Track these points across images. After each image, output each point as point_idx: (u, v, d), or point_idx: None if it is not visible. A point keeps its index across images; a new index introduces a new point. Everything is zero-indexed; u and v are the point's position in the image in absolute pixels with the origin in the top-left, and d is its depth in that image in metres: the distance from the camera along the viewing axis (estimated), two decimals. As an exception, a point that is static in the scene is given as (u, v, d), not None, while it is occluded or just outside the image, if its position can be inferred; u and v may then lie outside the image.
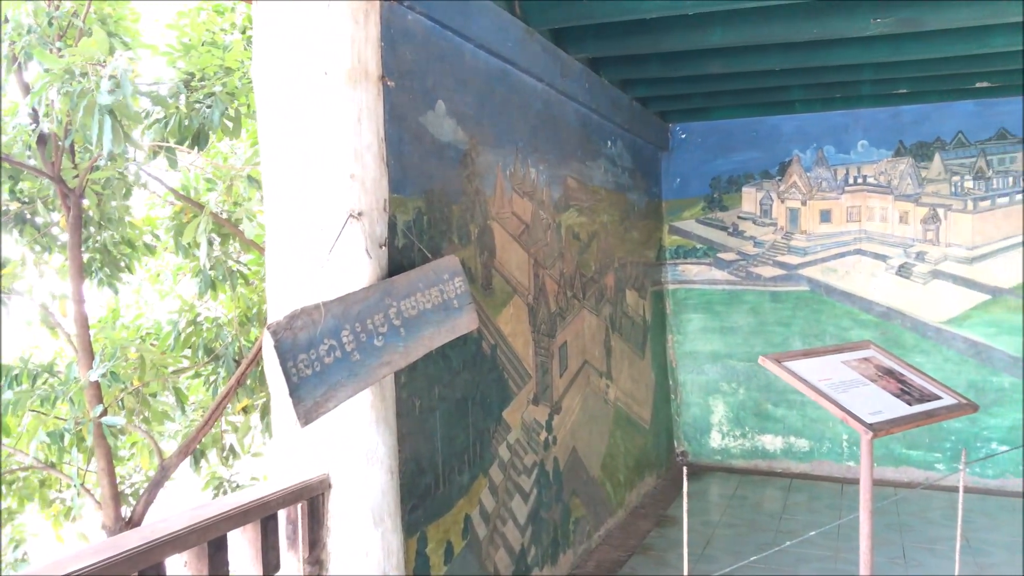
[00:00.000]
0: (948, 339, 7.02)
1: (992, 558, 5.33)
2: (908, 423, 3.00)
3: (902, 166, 7.11)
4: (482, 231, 4.12)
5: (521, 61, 4.48)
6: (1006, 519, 6.11)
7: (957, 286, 6.96)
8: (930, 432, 7.00)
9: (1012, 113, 6.80)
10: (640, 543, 5.70)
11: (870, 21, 4.56)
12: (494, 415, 4.19)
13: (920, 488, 6.45)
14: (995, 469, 6.91)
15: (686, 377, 7.89)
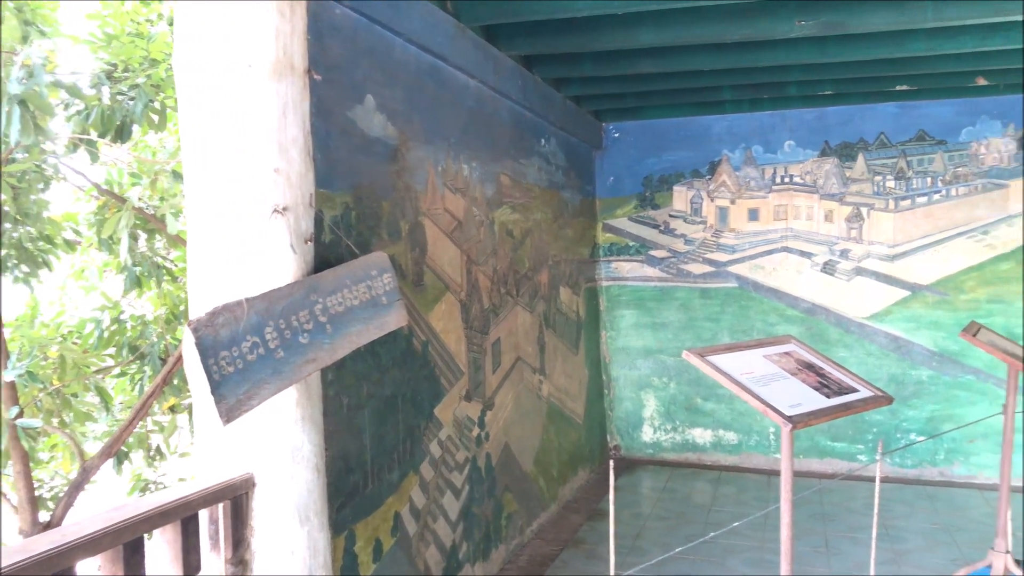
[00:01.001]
0: (870, 334, 7.25)
1: (908, 544, 5.52)
2: (826, 415, 3.08)
3: (827, 166, 7.31)
4: (413, 227, 4.10)
5: (453, 57, 4.47)
6: (923, 507, 6.34)
7: (879, 283, 7.19)
8: (853, 424, 7.21)
9: (931, 116, 7.05)
10: (572, 537, 5.75)
11: (795, 23, 4.67)
12: (425, 412, 4.18)
13: (842, 479, 6.65)
14: (913, 459, 7.16)
15: (619, 372, 7.98)
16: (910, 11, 4.48)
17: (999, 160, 6.91)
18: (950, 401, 7.06)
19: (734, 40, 5.03)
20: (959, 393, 7.04)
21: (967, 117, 6.98)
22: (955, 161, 7.01)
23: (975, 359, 6.92)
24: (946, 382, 7.07)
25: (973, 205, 6.98)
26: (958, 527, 5.86)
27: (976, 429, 6.73)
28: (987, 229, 6.96)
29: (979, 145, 6.96)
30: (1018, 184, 6.86)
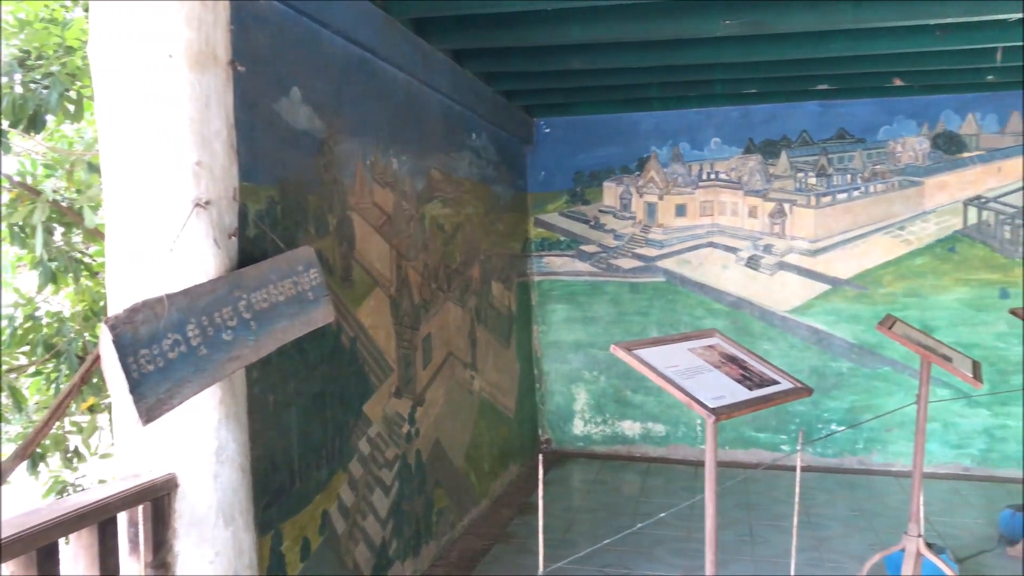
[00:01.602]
0: (793, 327, 7.44)
1: (829, 531, 5.70)
2: (748, 407, 3.15)
3: (751, 163, 7.47)
4: (341, 222, 4.05)
5: (382, 50, 4.42)
6: (843, 494, 6.55)
7: (801, 277, 7.39)
8: (776, 415, 7.40)
9: (850, 115, 7.27)
10: (503, 531, 5.78)
11: (720, 23, 4.75)
12: (354, 409, 4.14)
13: (766, 468, 6.82)
14: (834, 448, 7.38)
15: (550, 366, 8.03)
16: (830, 12, 4.61)
17: (914, 158, 7.16)
18: (868, 392, 7.30)
19: (661, 38, 5.10)
20: (877, 384, 7.29)
21: (885, 116, 7.22)
22: (873, 159, 7.24)
23: (892, 351, 7.17)
24: (865, 373, 7.32)
25: (890, 202, 7.22)
26: (875, 513, 6.07)
27: (893, 419, 6.97)
28: (903, 225, 7.21)
29: (896, 144, 7.20)
30: (932, 181, 7.13)
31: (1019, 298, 6.96)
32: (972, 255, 7.09)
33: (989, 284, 7.05)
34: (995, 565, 5.07)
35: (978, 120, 7.05)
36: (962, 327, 7.07)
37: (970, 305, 7.08)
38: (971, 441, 7.13)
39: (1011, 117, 6.98)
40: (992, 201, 7.05)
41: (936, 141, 7.12)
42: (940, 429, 7.14)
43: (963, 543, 5.42)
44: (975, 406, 7.08)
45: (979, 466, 7.12)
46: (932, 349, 4.14)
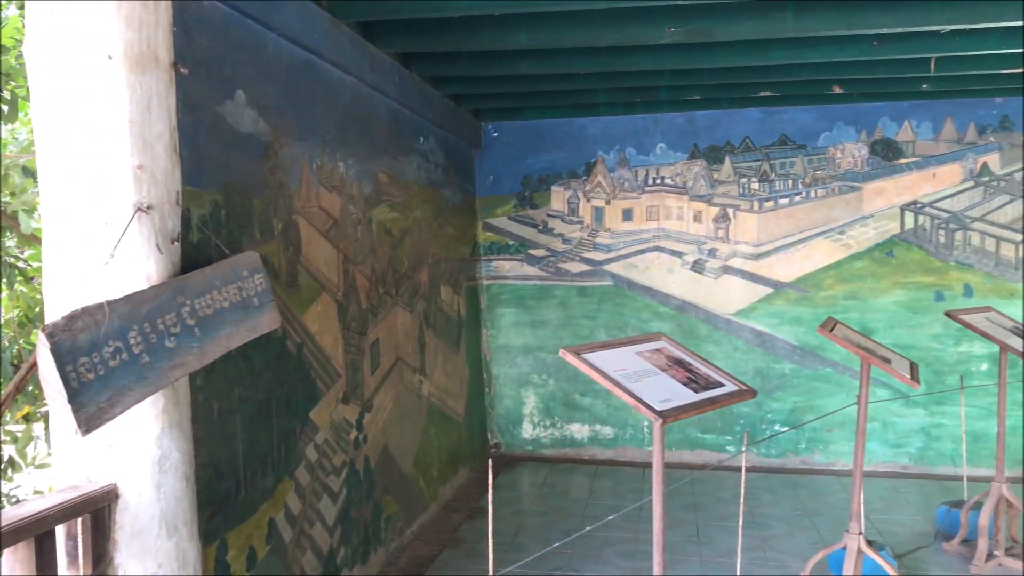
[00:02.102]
0: (737, 329, 7.57)
1: (773, 530, 5.80)
2: (694, 409, 3.19)
3: (696, 168, 7.58)
4: (287, 226, 4.00)
5: (328, 53, 4.39)
6: (786, 494, 6.67)
7: (744, 280, 7.52)
8: (722, 417, 7.52)
9: (792, 121, 7.42)
10: (452, 536, 5.76)
11: (665, 30, 4.81)
12: (300, 416, 4.09)
13: (712, 469, 6.92)
14: (778, 449, 7.52)
15: (499, 370, 8.04)
16: (772, 22, 4.70)
17: (853, 164, 7.35)
18: (811, 393, 7.46)
19: (607, 44, 5.14)
20: (819, 385, 7.45)
21: (825, 123, 7.39)
22: (814, 164, 7.41)
23: (833, 353, 7.33)
24: (807, 375, 7.47)
25: (830, 206, 7.39)
26: (818, 512, 6.19)
27: (834, 419, 7.13)
28: (843, 229, 7.38)
29: (836, 150, 7.38)
30: (871, 187, 7.31)
31: (955, 300, 7.18)
32: (909, 259, 7.29)
33: (925, 287, 7.26)
34: (932, 561, 5.21)
35: (914, 127, 7.26)
36: (900, 329, 7.27)
37: (907, 307, 7.28)
38: (909, 440, 7.33)
39: (945, 125, 7.20)
40: (927, 206, 7.27)
41: (874, 147, 7.31)
42: (879, 429, 7.32)
43: (902, 540, 5.56)
44: (912, 406, 7.27)
45: (916, 464, 7.32)
46: (871, 351, 4.25)
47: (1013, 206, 7.15)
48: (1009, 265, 7.15)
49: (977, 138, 7.18)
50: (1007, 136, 7.14)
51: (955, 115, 7.18)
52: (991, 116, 7.15)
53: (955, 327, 6.89)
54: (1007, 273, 7.16)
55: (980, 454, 7.05)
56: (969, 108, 7.16)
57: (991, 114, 7.15)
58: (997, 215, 7.17)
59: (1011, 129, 7.13)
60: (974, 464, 6.95)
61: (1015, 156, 7.14)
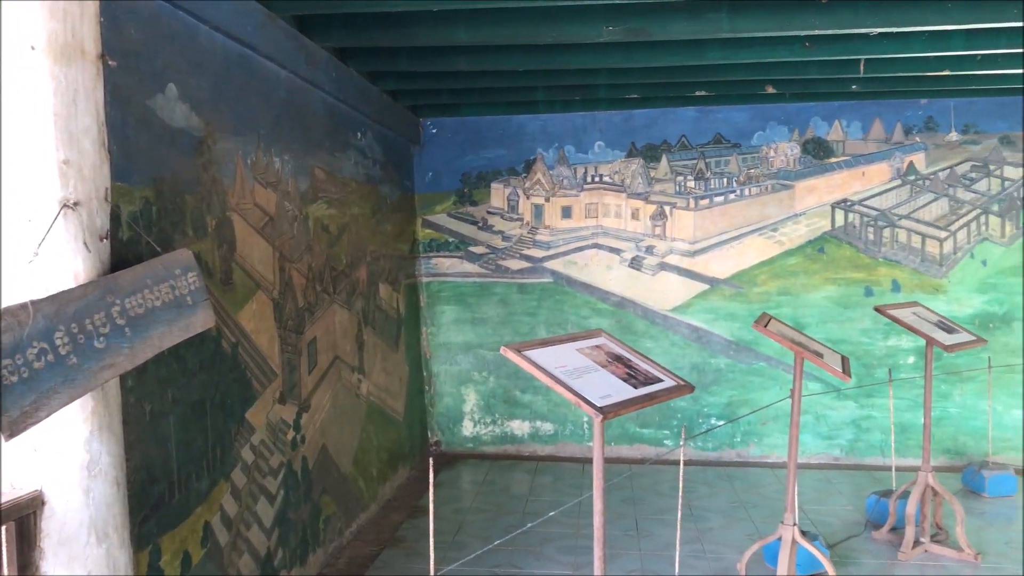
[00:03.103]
0: (674, 325, 7.67)
1: (710, 523, 5.90)
2: (634, 405, 3.22)
3: (634, 166, 7.66)
4: (221, 223, 3.92)
5: (262, 46, 4.30)
6: (723, 486, 6.79)
7: (681, 277, 7.64)
8: (660, 411, 7.61)
9: (727, 120, 7.55)
10: (392, 536, 5.72)
11: (603, 29, 4.84)
12: (236, 416, 4.01)
13: (651, 464, 7.01)
14: (714, 442, 7.65)
15: (439, 368, 8.01)
16: (707, 22, 4.77)
17: (786, 163, 7.51)
18: (745, 387, 7.61)
19: (546, 42, 5.16)
20: (753, 379, 7.60)
21: (758, 122, 7.54)
22: (748, 163, 7.55)
23: (767, 347, 7.48)
24: (742, 369, 7.61)
25: (764, 204, 7.55)
26: (753, 504, 6.32)
27: (768, 412, 7.28)
28: (776, 227, 7.54)
29: (769, 149, 7.53)
30: (803, 185, 7.48)
31: (883, 296, 7.40)
32: (839, 255, 7.49)
33: (855, 283, 7.47)
34: (863, 549, 5.36)
35: (844, 127, 7.45)
36: (831, 324, 7.46)
37: (838, 303, 7.48)
38: (840, 432, 7.53)
39: (873, 125, 7.41)
40: (857, 204, 7.47)
41: (806, 147, 7.49)
42: (812, 421, 7.50)
43: (834, 529, 5.71)
44: (844, 399, 7.48)
45: (848, 455, 7.52)
46: (804, 345, 4.34)
47: (938, 204, 7.39)
48: (934, 261, 7.40)
49: (904, 138, 7.40)
50: (932, 136, 7.38)
51: (883, 115, 7.40)
52: (917, 117, 7.38)
53: (883, 321, 7.09)
54: (932, 269, 7.40)
55: (908, 445, 7.28)
56: (896, 109, 7.38)
57: (917, 115, 7.38)
58: (923, 213, 7.41)
59: (936, 130, 7.37)
60: (902, 454, 7.17)
61: (940, 156, 7.38)
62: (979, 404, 7.31)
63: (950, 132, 7.37)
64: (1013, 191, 7.31)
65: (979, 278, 7.36)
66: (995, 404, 7.25)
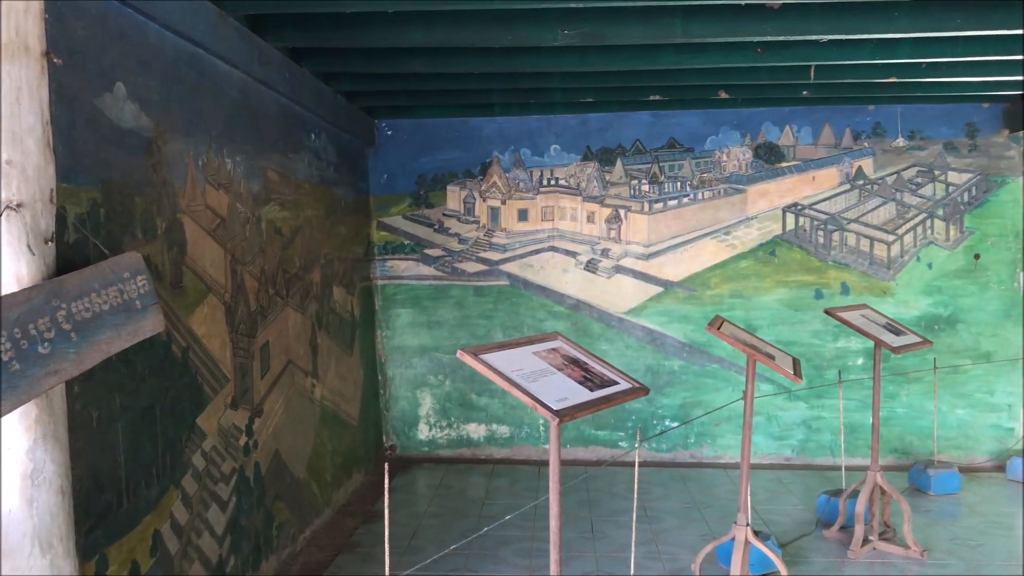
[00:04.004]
0: (629, 328, 7.73)
1: (665, 524, 5.95)
2: (590, 408, 3.23)
3: (589, 170, 7.70)
4: (171, 225, 3.84)
5: (214, 46, 4.23)
6: (677, 487, 6.85)
7: (636, 280, 7.69)
8: (615, 413, 7.66)
9: (680, 125, 7.63)
10: (347, 541, 5.66)
11: (558, 32, 4.86)
12: (187, 422, 3.94)
13: (606, 466, 7.04)
14: (668, 443, 7.72)
15: (395, 372, 7.96)
16: (661, 27, 4.81)
17: (738, 167, 7.61)
18: (699, 388, 7.69)
19: (501, 45, 5.16)
20: (706, 381, 7.69)
21: (711, 127, 7.63)
22: (701, 167, 7.64)
23: (720, 349, 7.57)
24: (695, 371, 7.69)
25: (716, 208, 7.64)
26: (707, 504, 6.39)
27: (721, 414, 7.37)
28: (729, 230, 7.64)
29: (721, 153, 7.63)
30: (755, 189, 7.59)
31: (832, 298, 7.53)
32: (790, 258, 7.61)
33: (806, 285, 7.59)
34: (814, 548, 5.45)
35: (795, 132, 7.57)
36: (782, 326, 7.58)
37: (789, 305, 7.60)
38: (791, 433, 7.65)
39: (823, 130, 7.55)
40: (807, 208, 7.59)
41: (758, 151, 7.60)
42: (764, 422, 7.61)
43: (785, 529, 5.80)
44: (795, 400, 7.59)
45: (799, 456, 7.64)
46: (756, 348, 4.40)
47: (885, 208, 7.55)
48: (882, 264, 7.55)
49: (852, 143, 7.55)
50: (880, 142, 7.54)
51: (832, 121, 7.54)
52: (865, 123, 7.53)
53: (833, 323, 7.22)
54: (880, 272, 7.56)
55: (857, 444, 7.43)
56: (845, 115, 7.52)
57: (865, 121, 7.53)
58: (871, 217, 7.56)
59: (883, 135, 7.53)
60: (851, 454, 7.31)
61: (887, 161, 7.55)
62: (925, 404, 7.48)
63: (897, 138, 7.54)
64: (957, 196, 7.50)
65: (925, 281, 7.54)
66: (940, 404, 7.43)
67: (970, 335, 7.50)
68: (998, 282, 7.48)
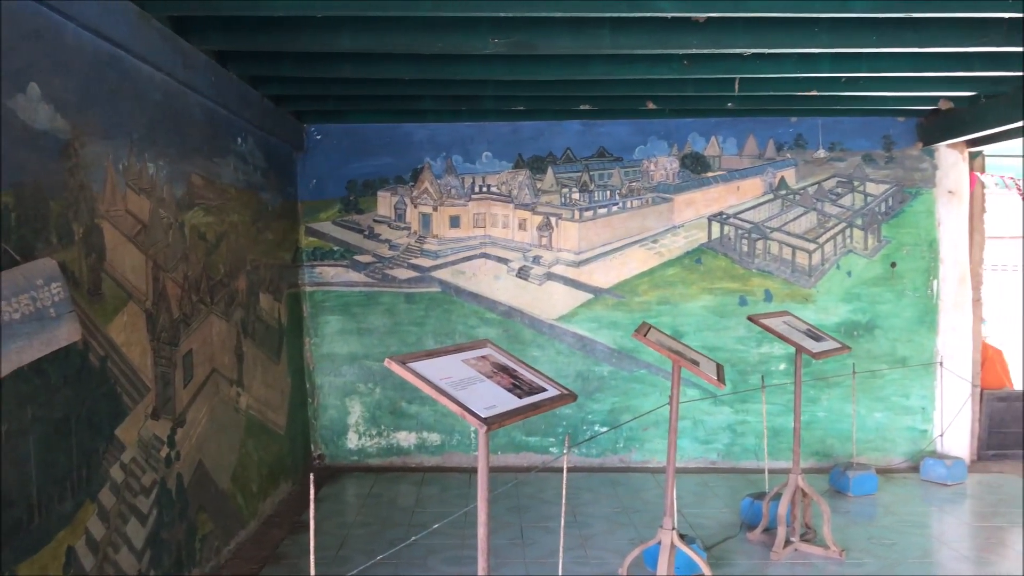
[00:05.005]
0: (560, 334, 7.78)
1: (593, 529, 6.00)
2: (518, 415, 3.24)
3: (520, 177, 7.74)
4: (89, 230, 3.73)
5: (135, 47, 4.13)
6: (606, 492, 6.92)
7: (566, 287, 7.76)
8: (545, 420, 7.70)
9: (610, 134, 7.74)
10: (273, 552, 5.56)
11: (489, 41, 4.88)
12: (104, 434, 3.82)
13: (537, 472, 7.07)
14: (597, 449, 7.80)
15: (323, 380, 7.86)
16: (591, 38, 4.88)
17: (665, 177, 7.74)
18: (627, 394, 7.78)
19: (432, 52, 5.16)
20: (635, 386, 7.79)
21: (639, 137, 7.75)
22: (630, 176, 7.75)
23: (648, 355, 7.68)
24: (624, 377, 7.79)
25: (644, 216, 7.76)
26: (635, 509, 6.47)
27: (649, 418, 7.47)
28: (656, 238, 7.77)
29: (649, 163, 7.75)
30: (681, 198, 7.73)
31: (756, 305, 7.72)
32: (716, 266, 7.77)
33: (730, 293, 7.76)
34: (738, 550, 5.56)
35: (720, 143, 7.75)
36: (707, 332, 7.73)
37: (714, 312, 7.76)
38: (717, 437, 7.80)
39: (748, 141, 7.74)
40: (732, 217, 7.77)
41: (684, 161, 7.74)
42: (690, 427, 7.75)
43: (711, 531, 5.91)
44: (720, 404, 7.75)
45: (724, 459, 7.80)
46: (681, 354, 4.48)
47: (807, 217, 7.78)
48: (804, 272, 7.77)
49: (776, 154, 7.76)
50: (802, 153, 7.77)
51: (756, 132, 7.73)
52: (788, 134, 7.75)
53: (757, 330, 7.39)
54: (802, 279, 7.77)
55: (780, 448, 7.61)
56: (769, 126, 7.73)
57: (788, 132, 7.75)
58: (793, 226, 7.78)
59: (805, 147, 7.76)
60: (775, 457, 7.49)
61: (808, 171, 7.77)
62: (844, 408, 7.71)
63: (818, 149, 7.77)
64: (874, 206, 7.77)
65: (844, 288, 7.78)
66: (859, 408, 7.68)
67: (887, 341, 7.77)
68: (913, 289, 7.76)
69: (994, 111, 6.47)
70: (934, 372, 7.74)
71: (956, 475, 7.16)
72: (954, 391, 7.75)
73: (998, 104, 6.40)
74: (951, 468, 7.15)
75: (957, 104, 6.84)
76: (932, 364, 7.74)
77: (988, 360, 8.20)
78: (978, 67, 5.49)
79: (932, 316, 7.76)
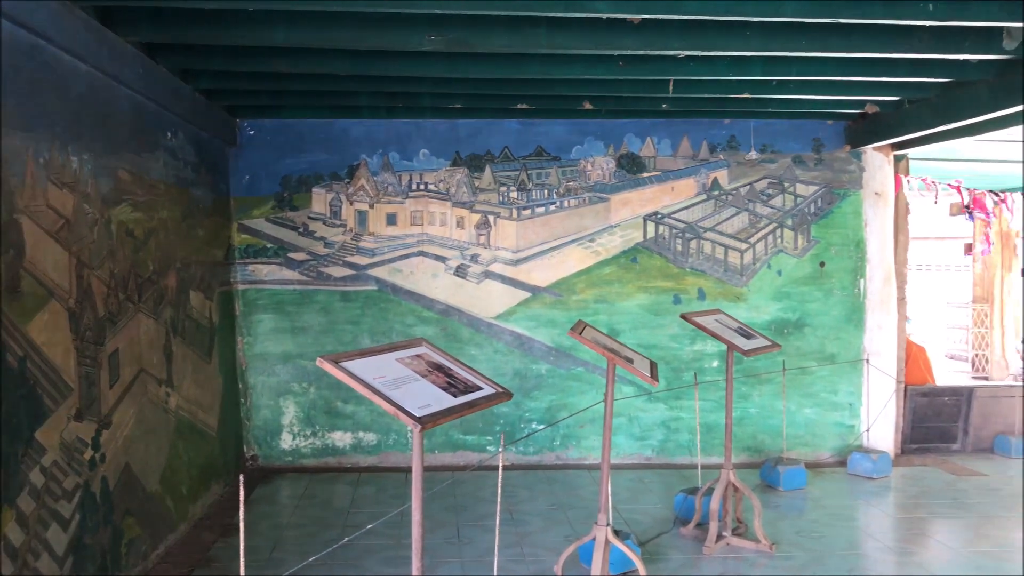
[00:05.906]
0: (498, 332, 7.79)
1: (530, 526, 6.03)
2: (453, 414, 3.24)
3: (458, 175, 7.73)
4: (7, 226, 3.59)
5: (58, 38, 4.00)
6: (543, 489, 6.96)
7: (505, 285, 7.77)
8: (482, 418, 7.70)
9: (547, 134, 7.77)
10: (204, 556, 5.45)
11: (425, 38, 4.85)
12: (23, 437, 3.69)
13: (473, 470, 7.07)
14: (535, 446, 7.83)
15: (256, 379, 7.72)
16: (527, 36, 4.89)
17: (602, 176, 7.81)
18: (565, 391, 7.83)
19: (368, 48, 5.12)
20: (572, 384, 7.84)
21: (577, 137, 7.80)
22: (567, 176, 7.80)
23: (584, 353, 7.74)
24: (561, 374, 7.84)
25: (582, 216, 7.82)
26: (571, 506, 6.51)
27: (586, 416, 7.52)
28: (593, 237, 7.83)
29: (586, 162, 7.81)
30: (618, 198, 7.81)
31: (690, 303, 7.84)
32: (651, 265, 7.87)
33: (665, 291, 7.87)
34: (672, 545, 5.64)
35: (655, 144, 7.85)
36: (643, 330, 7.82)
37: (649, 310, 7.85)
38: (651, 433, 7.90)
39: (682, 142, 7.85)
40: (667, 217, 7.88)
41: (620, 161, 7.82)
42: (626, 423, 7.83)
43: (645, 527, 5.98)
44: (655, 401, 7.85)
45: (658, 455, 7.91)
46: (616, 351, 4.52)
47: (739, 218, 7.93)
48: (736, 271, 7.92)
49: (709, 155, 7.89)
50: (734, 154, 7.92)
51: (690, 134, 7.86)
52: (721, 136, 7.89)
53: (690, 328, 7.49)
54: (734, 278, 7.92)
55: (713, 444, 7.75)
56: (702, 128, 7.86)
57: (721, 134, 7.89)
58: (726, 226, 7.92)
59: (737, 148, 7.91)
60: (708, 453, 7.61)
61: (741, 173, 7.93)
62: (775, 404, 7.89)
63: (750, 151, 7.93)
64: (804, 207, 7.96)
65: (775, 287, 7.95)
66: (789, 404, 7.86)
67: (816, 338, 7.97)
68: (841, 288, 7.98)
69: (917, 115, 6.70)
70: (861, 369, 7.97)
71: (881, 469, 7.39)
72: (879, 387, 7.99)
73: (921, 109, 6.61)
74: (876, 462, 7.38)
75: (883, 108, 7.05)
76: (859, 361, 7.97)
77: (912, 357, 8.50)
78: (902, 72, 5.67)
79: (859, 314, 7.98)
